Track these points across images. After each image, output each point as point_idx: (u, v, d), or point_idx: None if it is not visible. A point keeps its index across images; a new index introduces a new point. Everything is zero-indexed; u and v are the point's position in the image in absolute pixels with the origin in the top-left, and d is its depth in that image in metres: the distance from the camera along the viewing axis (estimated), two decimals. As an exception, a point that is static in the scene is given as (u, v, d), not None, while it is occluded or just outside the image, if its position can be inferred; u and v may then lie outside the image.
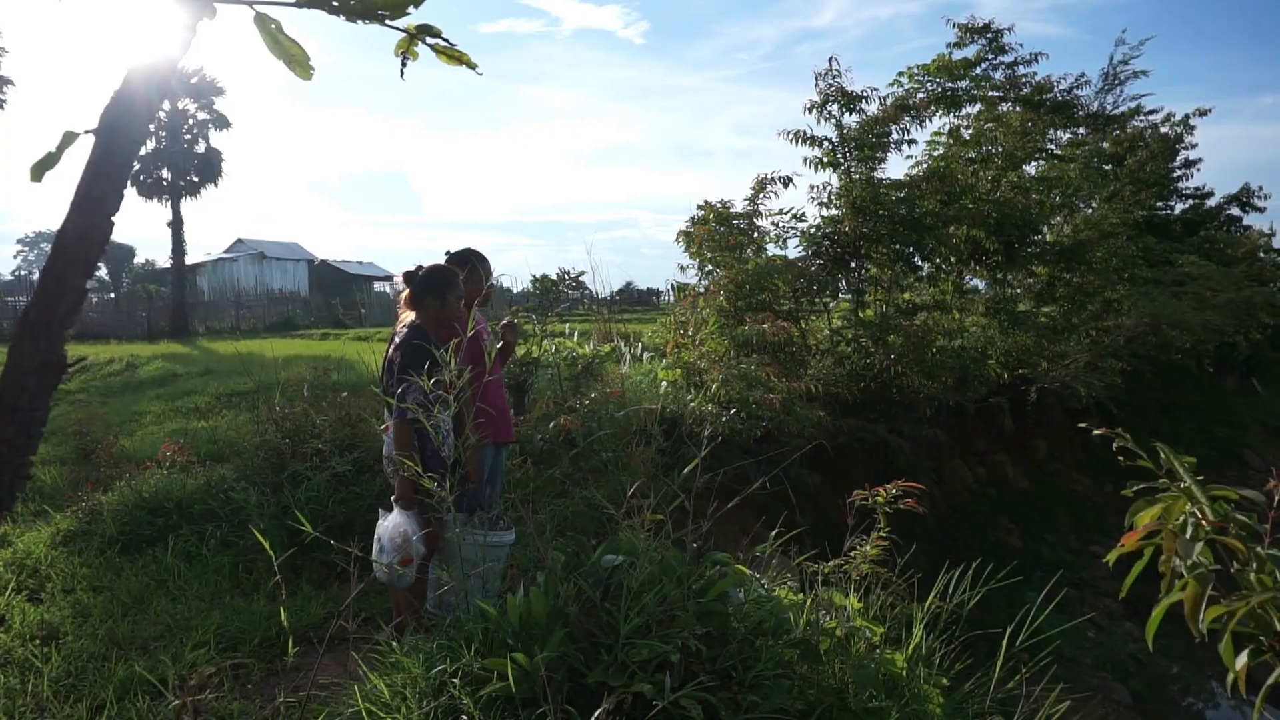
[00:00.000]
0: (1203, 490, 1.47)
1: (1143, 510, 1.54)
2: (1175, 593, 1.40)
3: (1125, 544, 1.53)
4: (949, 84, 13.42)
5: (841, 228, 9.75)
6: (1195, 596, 1.30)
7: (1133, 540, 1.51)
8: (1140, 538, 1.50)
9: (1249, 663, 1.37)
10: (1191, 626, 1.32)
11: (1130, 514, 1.55)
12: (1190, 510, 1.46)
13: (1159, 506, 1.51)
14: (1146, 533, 1.49)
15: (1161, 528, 1.48)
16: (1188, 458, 1.59)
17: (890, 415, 8.95)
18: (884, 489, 3.20)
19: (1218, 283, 15.36)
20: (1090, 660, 9.18)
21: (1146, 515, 1.51)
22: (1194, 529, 1.43)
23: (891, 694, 2.65)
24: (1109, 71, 17.98)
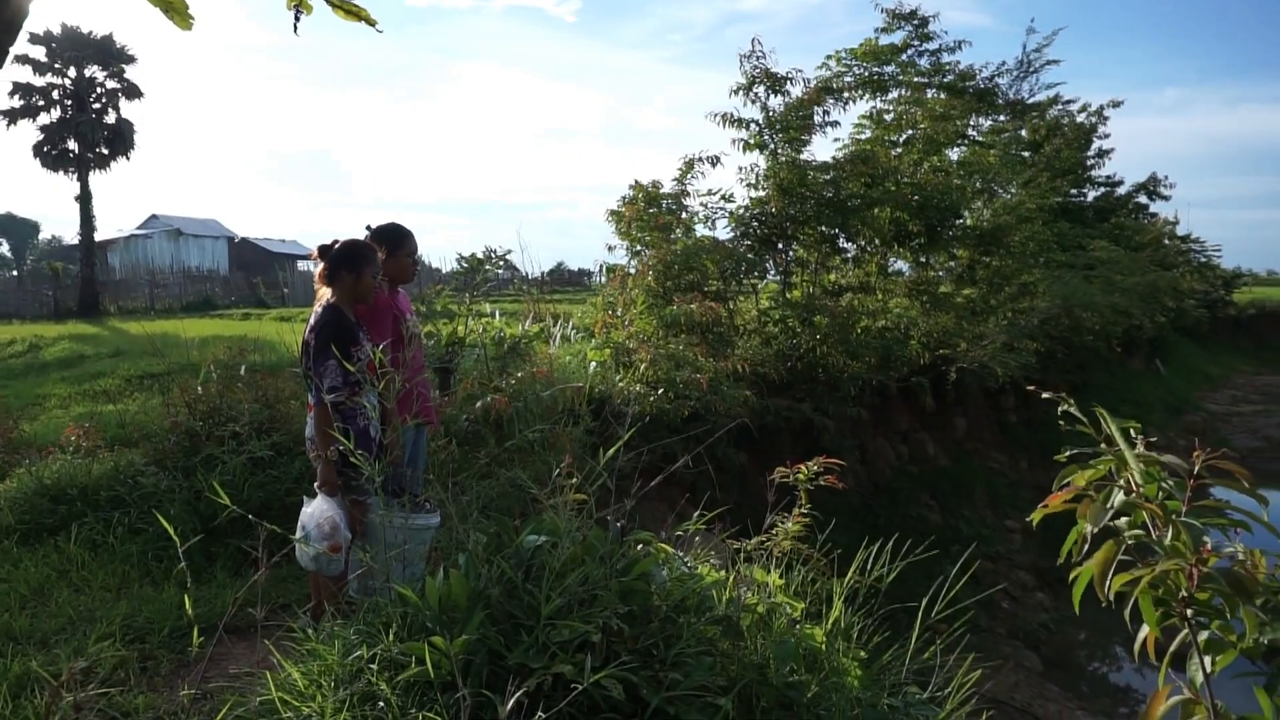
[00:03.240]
0: (1135, 455, 1.50)
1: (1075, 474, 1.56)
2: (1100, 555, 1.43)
3: (1049, 504, 1.55)
4: (876, 69, 13.64)
5: (769, 209, 9.83)
6: (1105, 561, 1.34)
7: (1055, 502, 1.54)
8: (1064, 500, 1.53)
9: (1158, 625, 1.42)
10: (1099, 591, 1.36)
11: (1059, 479, 1.57)
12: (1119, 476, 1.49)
13: (1091, 471, 1.54)
14: (1071, 495, 1.52)
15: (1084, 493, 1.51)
16: (1131, 423, 1.62)
17: (816, 394, 9.10)
18: (805, 466, 3.23)
19: (1126, 267, 16.02)
20: (1004, 630, 9.54)
21: (1081, 478, 1.54)
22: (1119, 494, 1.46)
23: (812, 668, 2.68)
24: (1023, 60, 18.54)
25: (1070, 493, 1.45)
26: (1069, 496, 1.44)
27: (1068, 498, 1.44)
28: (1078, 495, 1.44)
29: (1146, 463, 1.41)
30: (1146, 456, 1.43)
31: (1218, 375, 25.40)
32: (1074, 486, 1.45)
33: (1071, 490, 1.44)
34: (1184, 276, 24.01)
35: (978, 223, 12.77)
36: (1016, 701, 8.06)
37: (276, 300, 31.74)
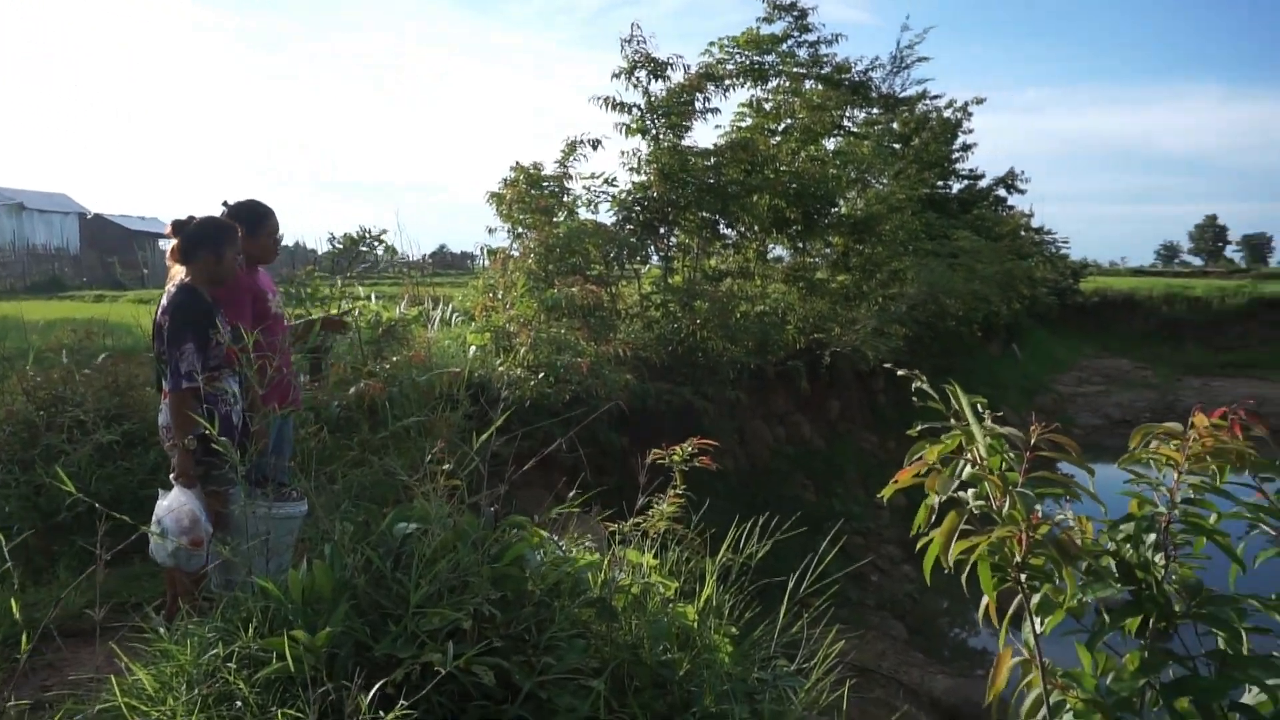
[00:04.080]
0: (980, 429, 1.57)
1: (925, 449, 1.62)
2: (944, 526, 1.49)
3: (899, 479, 1.61)
4: (757, 58, 13.86)
5: (651, 194, 9.89)
6: (948, 531, 1.40)
7: (905, 476, 1.60)
8: (913, 474, 1.59)
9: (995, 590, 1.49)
10: (942, 558, 1.42)
11: (910, 453, 1.63)
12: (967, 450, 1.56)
13: (940, 446, 1.61)
14: (918, 470, 1.58)
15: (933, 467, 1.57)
16: (978, 398, 1.69)
17: (696, 378, 9.24)
18: (680, 448, 3.27)
19: (986, 256, 16.94)
20: (873, 602, 9.99)
21: (932, 453, 1.60)
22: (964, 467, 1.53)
23: (685, 646, 2.72)
24: (896, 55, 19.27)
25: (919, 466, 1.51)
26: (918, 470, 1.50)
27: (916, 472, 1.50)
28: (927, 469, 1.50)
29: (990, 436, 1.49)
30: (990, 430, 1.50)
31: (1066, 359, 27.28)
32: (923, 460, 1.52)
33: (920, 464, 1.51)
34: (1038, 266, 25.64)
35: (852, 211, 13.22)
36: (883, 669, 8.45)
37: (135, 281, 29.73)
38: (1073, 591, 1.35)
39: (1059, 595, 1.42)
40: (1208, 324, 30.02)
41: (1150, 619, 1.39)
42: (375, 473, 4.83)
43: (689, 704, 2.53)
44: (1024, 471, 1.45)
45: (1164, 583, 1.41)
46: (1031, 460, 1.48)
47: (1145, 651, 1.39)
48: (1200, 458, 1.45)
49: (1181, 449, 1.46)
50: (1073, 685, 1.39)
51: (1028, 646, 1.43)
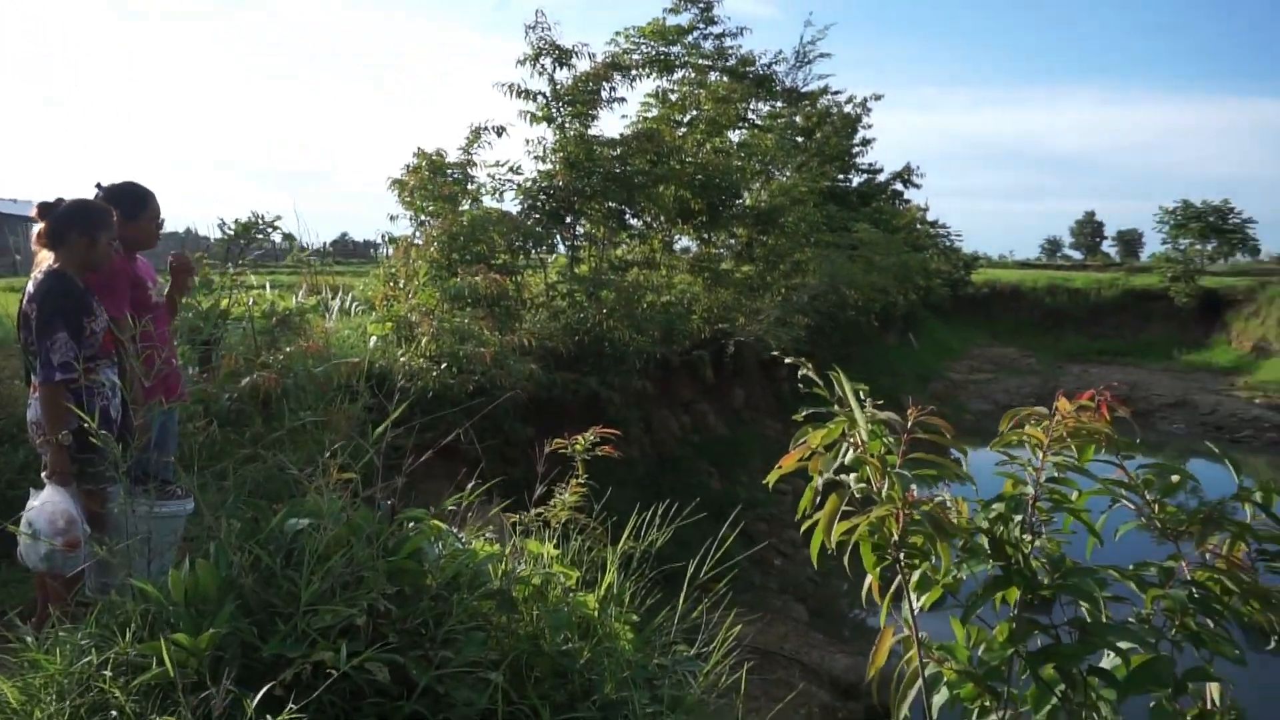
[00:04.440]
0: (862, 414, 1.61)
1: (811, 434, 1.66)
2: (826, 508, 1.53)
3: (783, 464, 1.64)
4: (663, 48, 13.94)
5: (556, 183, 9.83)
6: (830, 513, 1.44)
7: (789, 461, 1.63)
8: (796, 459, 1.62)
9: (876, 568, 1.55)
10: (825, 539, 1.47)
11: (795, 438, 1.66)
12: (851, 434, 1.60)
13: (824, 431, 1.65)
14: (802, 454, 1.61)
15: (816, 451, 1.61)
16: (861, 385, 1.73)
17: (602, 367, 9.25)
18: (582, 437, 3.27)
19: (884, 248, 17.50)
20: (775, 585, 10.23)
21: (815, 437, 1.63)
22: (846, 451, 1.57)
23: (586, 635, 2.73)
24: (799, 51, 19.67)
25: (802, 451, 1.55)
26: (801, 455, 1.54)
27: (800, 456, 1.54)
28: (810, 453, 1.54)
29: (871, 421, 1.53)
30: (871, 415, 1.55)
31: (958, 347, 28.46)
32: (806, 445, 1.56)
33: (803, 449, 1.54)
34: (933, 258, 26.66)
35: (756, 203, 13.44)
36: (785, 650, 8.67)
37: (6, 268, 27.84)
38: (947, 567, 1.41)
39: (936, 573, 1.49)
40: (1086, 314, 31.84)
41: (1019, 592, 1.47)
42: (268, 468, 4.66)
43: (590, 692, 2.54)
44: (902, 454, 1.51)
45: (1030, 557, 1.49)
46: (909, 443, 1.53)
47: (1013, 623, 1.47)
48: (1063, 439, 1.54)
49: (1046, 431, 1.54)
50: (947, 658, 1.46)
51: (907, 623, 1.49)
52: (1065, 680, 1.40)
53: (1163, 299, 30.31)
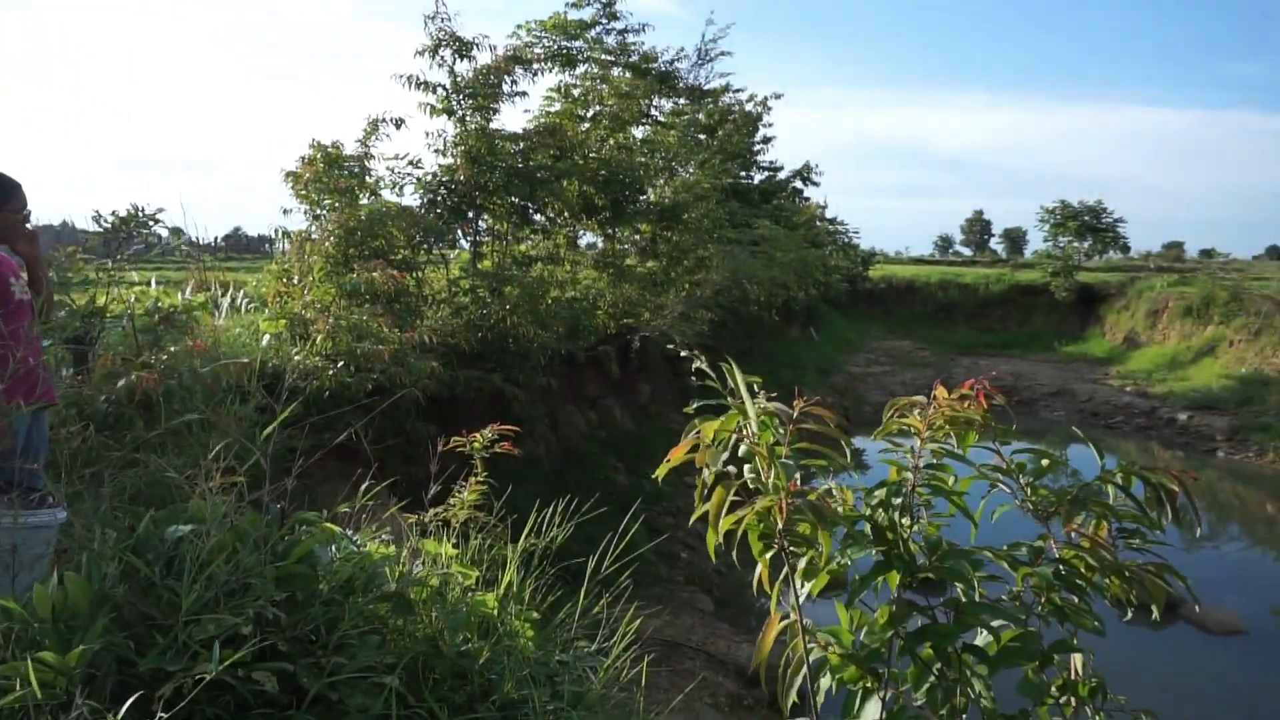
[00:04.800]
0: (752, 405, 1.64)
1: (704, 426, 1.67)
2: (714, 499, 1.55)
3: (672, 456, 1.65)
4: (565, 43, 13.86)
5: (458, 177, 9.66)
6: (718, 504, 1.47)
7: (678, 453, 1.64)
8: (685, 451, 1.63)
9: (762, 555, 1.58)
10: (713, 530, 1.49)
11: (687, 430, 1.68)
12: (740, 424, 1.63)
13: (716, 423, 1.66)
14: (690, 446, 1.63)
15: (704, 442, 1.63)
16: (754, 377, 1.75)
17: (506, 364, 9.16)
18: (480, 434, 3.22)
19: (784, 244, 17.88)
20: (682, 578, 10.34)
21: (709, 429, 1.65)
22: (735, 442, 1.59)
23: (486, 635, 2.70)
24: (701, 49, 19.88)
25: (691, 443, 1.56)
26: (689, 447, 1.56)
27: (688, 448, 1.56)
28: (697, 445, 1.56)
29: (762, 412, 1.56)
30: (761, 406, 1.58)
31: (857, 341, 29.36)
32: (695, 437, 1.58)
33: (692, 441, 1.56)
34: (832, 254, 27.40)
35: (659, 199, 13.53)
36: (692, 641, 8.79)
37: None
38: (828, 553, 1.45)
39: (821, 560, 1.53)
40: (976, 308, 33.32)
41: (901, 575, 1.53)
42: (149, 474, 4.43)
43: (489, 692, 2.51)
44: (788, 444, 1.55)
45: (910, 542, 1.55)
46: (800, 433, 1.57)
47: (893, 605, 1.52)
48: (941, 426, 1.60)
49: (924, 420, 1.60)
50: (831, 642, 1.50)
51: (794, 609, 1.53)
52: (941, 659, 1.46)
53: (1045, 293, 31.97)
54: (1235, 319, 22.90)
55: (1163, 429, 19.40)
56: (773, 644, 1.65)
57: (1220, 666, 8.57)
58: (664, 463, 1.61)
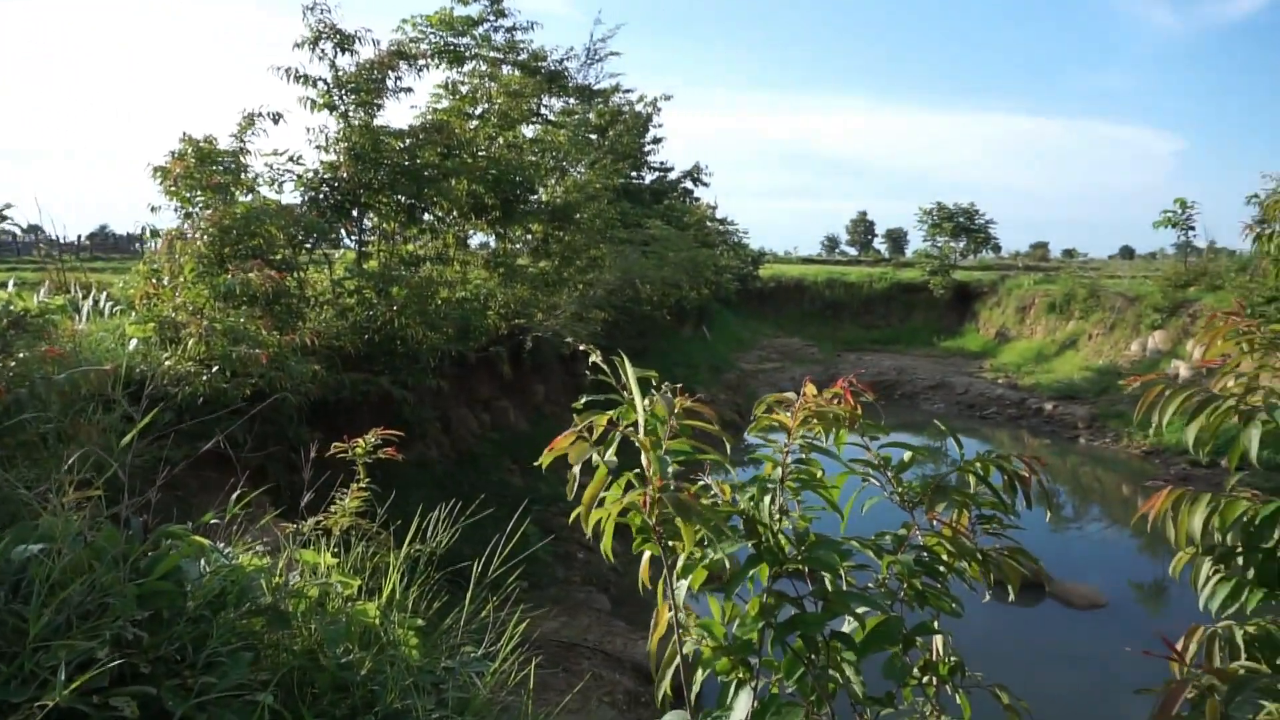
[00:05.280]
0: (642, 400, 1.64)
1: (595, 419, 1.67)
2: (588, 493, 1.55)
3: (553, 447, 1.64)
4: (452, 39, 13.64)
5: (341, 174, 9.37)
6: (590, 498, 1.47)
7: (560, 443, 1.63)
8: (568, 444, 1.63)
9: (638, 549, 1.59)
10: (583, 524, 1.50)
11: (579, 421, 1.67)
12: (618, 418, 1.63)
13: (603, 416, 1.66)
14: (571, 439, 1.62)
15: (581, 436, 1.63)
16: (649, 371, 1.76)
17: (395, 366, 8.95)
18: (362, 439, 3.14)
19: (675, 244, 18.10)
20: (579, 578, 10.34)
21: (601, 421, 1.65)
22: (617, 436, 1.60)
23: (368, 645, 2.62)
24: (591, 48, 19.92)
25: (572, 435, 1.57)
26: (571, 439, 1.56)
27: (569, 441, 1.56)
28: (575, 439, 1.56)
29: (650, 407, 1.58)
30: (649, 401, 1.59)
31: (748, 339, 29.99)
32: (576, 430, 1.58)
33: (573, 433, 1.57)
34: (723, 254, 27.89)
35: (551, 199, 13.48)
36: (589, 641, 8.79)
37: None
38: (690, 546, 1.48)
39: (699, 553, 1.55)
40: (860, 306, 34.56)
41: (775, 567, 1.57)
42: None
43: (372, 704, 2.44)
44: (666, 436, 1.57)
45: (779, 534, 1.60)
46: (685, 429, 1.59)
47: (765, 597, 1.57)
48: (808, 422, 1.66)
49: (793, 415, 1.65)
50: (705, 635, 1.53)
51: (674, 604, 1.55)
52: (810, 647, 1.51)
53: (924, 291, 33.44)
54: (1093, 314, 24.51)
55: (1031, 418, 20.58)
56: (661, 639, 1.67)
57: (1082, 638, 9.16)
58: (546, 451, 1.60)
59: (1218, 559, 1.99)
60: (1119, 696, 7.13)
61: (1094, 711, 7.50)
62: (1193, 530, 1.94)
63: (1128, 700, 1.32)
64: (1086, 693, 7.41)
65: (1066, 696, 7.58)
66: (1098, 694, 7.69)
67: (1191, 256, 23.28)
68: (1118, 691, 7.23)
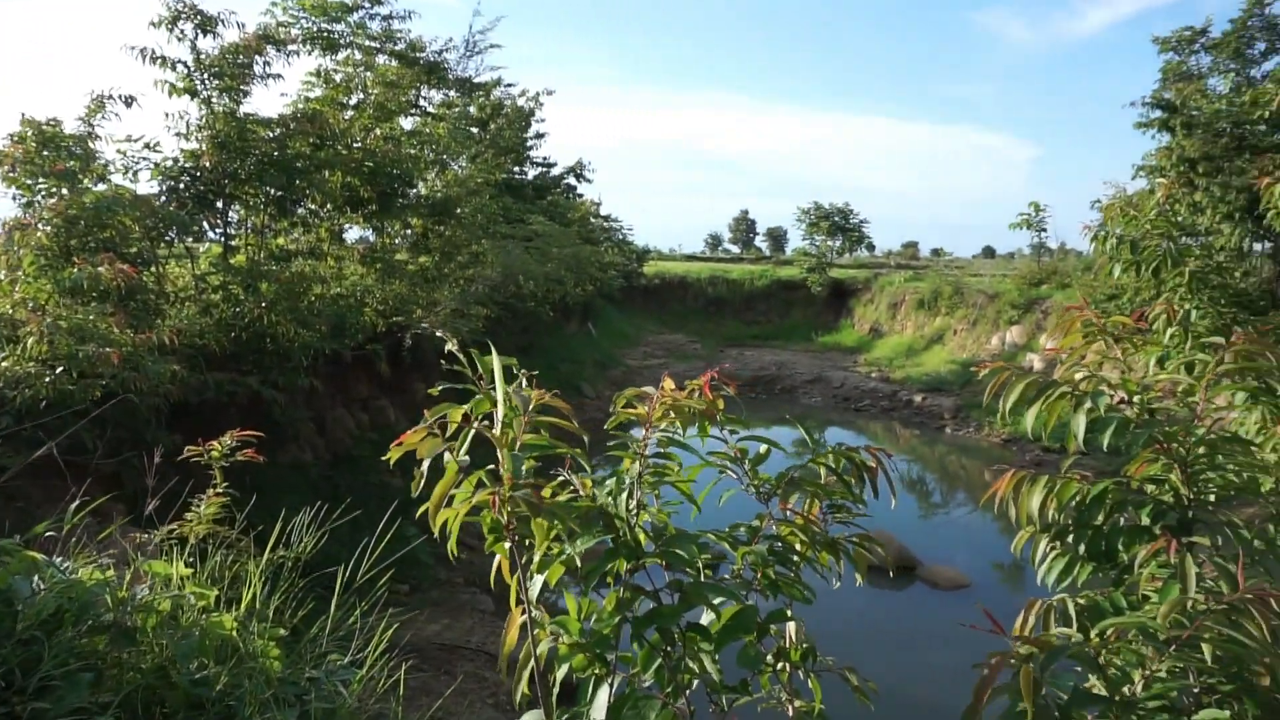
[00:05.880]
0: (505, 392, 1.62)
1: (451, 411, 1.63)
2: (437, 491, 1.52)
3: (403, 441, 1.60)
4: (325, 25, 13.13)
5: (203, 163, 8.89)
6: (439, 497, 1.45)
7: (410, 438, 1.59)
8: (420, 438, 1.58)
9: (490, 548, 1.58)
10: (431, 523, 1.47)
11: (432, 413, 1.63)
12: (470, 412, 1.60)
13: (458, 409, 1.63)
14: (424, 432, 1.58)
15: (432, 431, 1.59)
16: (510, 359, 1.73)
17: (265, 366, 8.57)
18: (218, 441, 2.99)
19: (558, 240, 18.03)
20: (462, 579, 10.18)
21: (455, 414, 1.61)
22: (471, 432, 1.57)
23: (226, 658, 2.50)
24: (470, 40, 19.57)
25: (421, 430, 1.54)
26: (421, 434, 1.53)
27: (419, 436, 1.53)
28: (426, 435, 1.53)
29: (507, 399, 1.56)
30: (506, 393, 1.58)
31: (633, 335, 30.21)
32: (428, 424, 1.55)
33: (425, 428, 1.54)
34: (607, 251, 27.95)
35: (431, 193, 13.18)
36: (472, 643, 8.67)
37: None
38: (542, 545, 1.48)
39: (556, 550, 1.55)
40: (742, 302, 35.35)
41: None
42: None
43: (230, 718, 2.33)
44: (522, 431, 1.56)
45: (637, 529, 1.62)
46: (530, 425, 1.58)
47: (621, 591, 1.58)
48: (665, 416, 1.68)
49: (650, 410, 1.67)
50: (560, 631, 1.53)
51: (531, 602, 1.55)
52: (667, 639, 1.53)
53: (803, 288, 34.50)
54: (958, 310, 25.86)
55: (903, 410, 21.56)
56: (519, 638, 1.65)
57: (945, 617, 9.66)
58: (393, 446, 1.56)
59: (1053, 537, 2.13)
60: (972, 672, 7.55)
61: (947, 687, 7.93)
62: (1031, 511, 2.07)
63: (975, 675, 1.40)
64: (941, 669, 7.81)
65: (925, 674, 7.97)
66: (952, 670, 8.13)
67: (1045, 257, 24.91)
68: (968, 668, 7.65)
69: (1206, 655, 1.50)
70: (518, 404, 1.62)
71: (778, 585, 1.66)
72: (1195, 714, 1.63)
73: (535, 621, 1.51)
